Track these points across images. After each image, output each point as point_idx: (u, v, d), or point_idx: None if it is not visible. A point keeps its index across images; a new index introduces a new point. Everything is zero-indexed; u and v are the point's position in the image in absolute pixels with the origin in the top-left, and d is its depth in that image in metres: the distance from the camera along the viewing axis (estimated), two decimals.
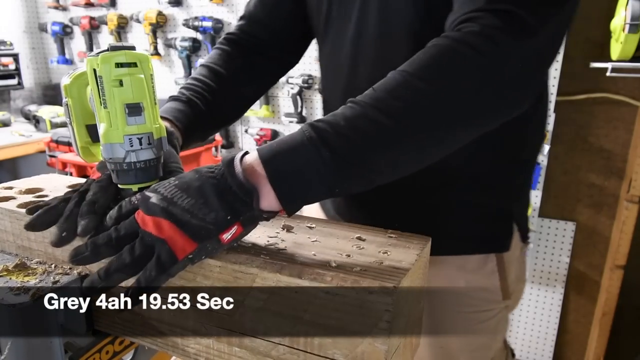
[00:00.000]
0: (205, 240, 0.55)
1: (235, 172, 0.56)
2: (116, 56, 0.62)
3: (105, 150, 0.64)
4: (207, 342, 0.63)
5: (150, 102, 0.65)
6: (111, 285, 0.57)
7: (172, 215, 0.55)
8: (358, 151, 0.55)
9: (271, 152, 0.56)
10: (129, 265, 0.56)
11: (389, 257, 0.59)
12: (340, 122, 0.56)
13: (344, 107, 0.58)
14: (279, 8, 0.94)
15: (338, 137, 0.55)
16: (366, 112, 0.56)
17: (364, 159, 0.56)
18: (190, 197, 0.55)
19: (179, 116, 0.80)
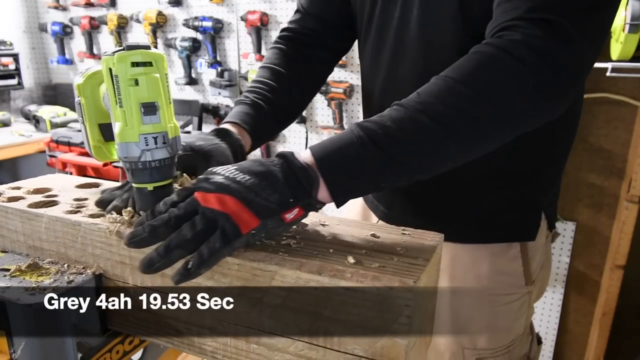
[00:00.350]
0: (268, 218, 0.58)
1: (297, 163, 0.60)
2: (132, 55, 0.62)
3: (120, 149, 0.65)
4: (225, 340, 0.63)
5: (165, 101, 0.65)
6: (170, 262, 0.58)
7: (237, 192, 0.58)
8: (403, 150, 0.60)
9: (323, 150, 0.62)
10: (190, 240, 0.57)
11: (405, 254, 0.59)
12: (386, 122, 0.60)
13: (390, 110, 0.62)
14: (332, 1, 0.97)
15: (385, 136, 0.60)
16: (412, 114, 0.60)
17: (408, 158, 0.60)
18: (254, 178, 0.59)
19: (245, 119, 0.85)
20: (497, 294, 0.86)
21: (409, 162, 0.61)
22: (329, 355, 0.56)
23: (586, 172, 2.13)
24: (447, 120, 0.60)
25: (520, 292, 0.87)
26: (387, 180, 0.62)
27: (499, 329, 0.87)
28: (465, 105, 0.60)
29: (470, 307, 0.87)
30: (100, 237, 0.70)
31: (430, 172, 0.64)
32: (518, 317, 0.89)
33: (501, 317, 0.87)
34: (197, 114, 2.96)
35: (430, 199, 0.89)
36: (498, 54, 0.60)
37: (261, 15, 2.62)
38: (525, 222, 0.87)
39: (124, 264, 0.69)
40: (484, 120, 0.61)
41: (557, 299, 2.27)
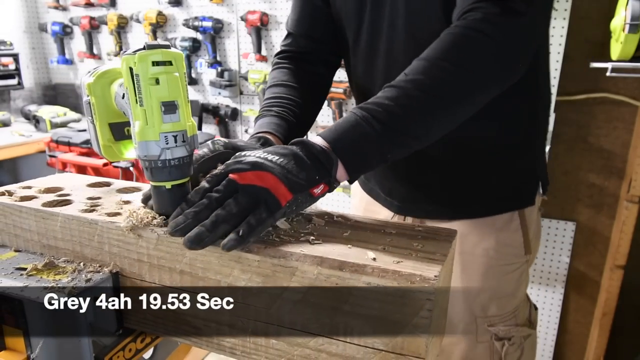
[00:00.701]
0: (299, 192, 0.65)
1: (316, 147, 0.68)
2: (153, 54, 0.63)
3: (140, 148, 0.65)
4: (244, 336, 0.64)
5: (184, 99, 0.66)
6: (217, 237, 0.62)
7: (272, 169, 0.64)
8: (403, 122, 0.70)
9: (333, 133, 0.70)
10: (236, 214, 0.62)
11: (422, 249, 0.60)
12: (384, 101, 0.70)
13: (383, 91, 0.72)
14: (317, 21, 1.05)
15: (386, 113, 0.69)
16: (404, 91, 0.71)
17: (408, 128, 0.71)
18: (283, 158, 0.66)
19: (279, 129, 0.90)
20: (502, 264, 0.96)
21: (409, 131, 0.71)
22: (349, 349, 0.57)
23: (586, 172, 2.14)
24: (436, 91, 0.71)
25: (520, 261, 0.98)
26: (393, 152, 0.71)
27: (505, 296, 0.97)
28: (447, 76, 0.71)
29: (480, 279, 0.96)
30: (118, 235, 0.71)
31: (427, 139, 0.74)
32: (519, 284, 1.00)
33: (506, 285, 0.97)
34: (197, 114, 2.97)
35: (439, 184, 0.99)
36: (466, 32, 0.71)
37: (261, 15, 2.63)
38: (524, 190, 0.99)
39: (141, 262, 0.70)
40: (464, 86, 0.72)
41: (557, 299, 2.28)
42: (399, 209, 1.05)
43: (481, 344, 0.97)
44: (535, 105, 0.98)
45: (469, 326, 0.96)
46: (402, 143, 0.71)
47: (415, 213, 1.03)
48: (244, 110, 2.90)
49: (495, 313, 0.96)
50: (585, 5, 1.97)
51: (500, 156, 0.96)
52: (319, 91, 1.07)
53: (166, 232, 0.66)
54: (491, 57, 0.72)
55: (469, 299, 0.96)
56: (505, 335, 0.97)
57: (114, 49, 3.24)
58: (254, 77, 2.72)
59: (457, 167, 0.96)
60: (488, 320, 0.96)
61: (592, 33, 2.00)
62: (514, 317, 0.98)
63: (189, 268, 0.66)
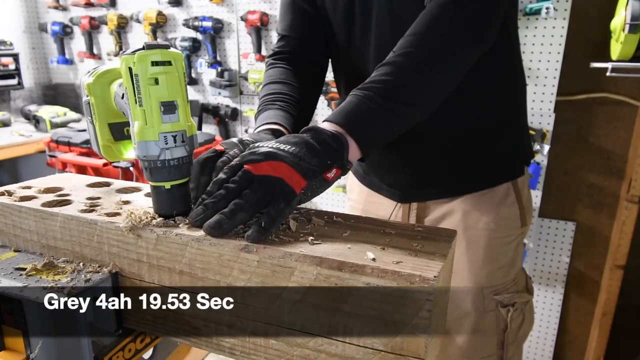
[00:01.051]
0: (312, 178, 0.68)
1: (327, 132, 0.72)
2: (152, 55, 0.63)
3: (139, 148, 0.65)
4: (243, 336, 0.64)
5: (184, 100, 0.66)
6: (235, 224, 0.65)
7: (285, 158, 0.67)
8: (402, 92, 0.77)
9: (340, 116, 0.75)
10: (253, 204, 0.64)
11: (422, 249, 0.60)
12: (381, 77, 0.78)
13: (378, 70, 0.79)
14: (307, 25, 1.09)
15: (385, 88, 0.76)
16: (397, 65, 0.78)
17: (407, 97, 0.78)
18: (295, 146, 0.69)
19: (284, 121, 0.93)
20: (502, 236, 1.05)
21: (409, 100, 0.78)
22: (349, 349, 0.57)
23: (586, 172, 2.14)
24: (425, 59, 0.79)
25: (517, 232, 1.07)
26: (398, 123, 0.78)
27: (506, 265, 1.06)
28: (432, 45, 0.80)
29: (483, 252, 1.04)
30: (117, 235, 0.71)
31: (427, 107, 0.82)
32: (517, 254, 1.09)
33: (506, 255, 1.06)
34: (197, 113, 2.97)
35: (439, 167, 1.06)
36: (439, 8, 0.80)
37: (261, 15, 2.63)
38: (515, 161, 1.08)
39: (140, 262, 0.70)
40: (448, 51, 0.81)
41: (557, 299, 2.29)
42: (402, 197, 1.11)
43: (488, 313, 1.04)
44: (516, 81, 1.06)
45: (476, 297, 1.04)
46: (405, 113, 0.79)
47: (418, 198, 1.09)
48: (244, 110, 2.90)
49: (499, 282, 1.05)
50: (585, 5, 1.97)
51: (493, 131, 1.04)
52: (313, 90, 1.10)
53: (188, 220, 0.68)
54: (464, 23, 0.81)
55: (475, 271, 1.04)
56: (509, 301, 1.05)
57: (114, 49, 3.24)
58: (254, 77, 2.72)
59: (454, 147, 1.03)
60: (493, 290, 1.04)
61: (592, 33, 2.00)
62: (514, 285, 1.07)
63: (188, 268, 0.66)
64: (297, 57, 1.09)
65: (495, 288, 1.05)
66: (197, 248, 0.65)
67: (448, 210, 1.06)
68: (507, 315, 1.04)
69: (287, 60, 1.09)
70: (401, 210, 1.12)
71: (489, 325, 1.05)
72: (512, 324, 1.05)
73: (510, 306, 1.05)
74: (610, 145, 2.08)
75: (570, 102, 2.08)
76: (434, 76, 0.80)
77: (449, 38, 0.81)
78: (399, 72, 0.78)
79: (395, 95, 0.76)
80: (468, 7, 0.81)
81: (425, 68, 0.79)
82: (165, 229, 0.67)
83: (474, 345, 1.07)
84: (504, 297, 1.05)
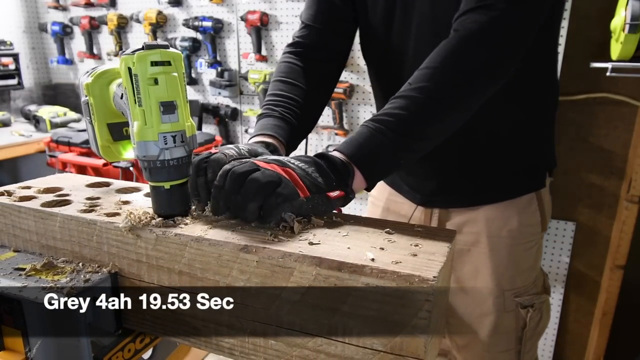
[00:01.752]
0: (316, 193, 0.69)
1: (337, 159, 0.74)
2: (151, 55, 0.63)
3: (139, 148, 0.65)
4: (242, 336, 0.64)
5: (183, 100, 0.66)
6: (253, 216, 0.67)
7: (293, 167, 0.69)
8: (414, 127, 0.77)
9: (350, 147, 0.76)
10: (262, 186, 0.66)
11: (422, 250, 0.60)
12: (394, 111, 0.77)
13: (392, 102, 0.79)
14: (333, 18, 1.07)
15: (397, 122, 0.76)
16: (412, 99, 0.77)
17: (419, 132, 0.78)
18: (304, 164, 0.71)
19: (280, 132, 0.93)
20: (524, 242, 1.06)
21: (420, 136, 0.78)
22: (348, 350, 0.57)
23: (586, 172, 2.14)
24: (441, 95, 0.78)
25: (537, 237, 1.09)
26: (406, 157, 0.78)
27: (527, 269, 1.08)
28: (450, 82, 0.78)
29: (506, 257, 1.05)
30: (116, 235, 0.70)
31: (437, 140, 0.81)
32: (537, 257, 1.11)
33: (527, 260, 1.08)
34: (197, 114, 2.97)
35: (462, 176, 1.06)
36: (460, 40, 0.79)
37: (261, 15, 2.63)
38: (538, 172, 1.08)
39: (140, 262, 0.70)
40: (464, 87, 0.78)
41: (557, 299, 2.28)
42: (422, 201, 1.12)
43: (508, 313, 1.07)
44: (549, 94, 1.06)
45: (498, 299, 1.07)
46: (415, 147, 0.79)
47: (439, 204, 1.11)
48: (244, 110, 2.90)
49: (520, 285, 1.07)
50: (585, 5, 1.97)
51: (521, 143, 1.04)
52: (324, 91, 1.09)
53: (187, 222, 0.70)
54: (486, 59, 0.79)
55: (498, 275, 1.06)
56: (529, 303, 1.08)
57: (114, 49, 3.24)
58: (254, 77, 2.72)
59: (478, 157, 1.03)
60: (514, 292, 1.07)
61: (592, 33, 2.00)
62: (534, 287, 1.09)
63: (187, 268, 0.66)
64: (314, 52, 1.08)
65: (516, 291, 1.07)
66: (197, 248, 0.64)
67: (471, 218, 1.07)
68: (527, 315, 1.08)
69: (303, 55, 1.07)
70: (423, 213, 1.13)
71: (509, 323, 1.09)
72: (531, 323, 1.08)
73: (530, 307, 1.08)
74: (610, 145, 2.07)
75: (570, 102, 2.08)
76: (449, 113, 0.79)
77: (468, 75, 0.79)
78: (413, 106, 0.77)
79: (408, 131, 0.77)
80: (490, 41, 0.79)
81: (441, 105, 0.78)
82: (164, 229, 0.67)
83: (494, 341, 1.11)
84: (524, 299, 1.08)
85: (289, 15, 2.62)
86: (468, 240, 1.07)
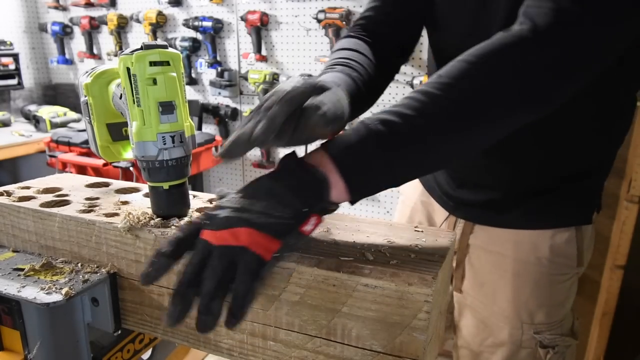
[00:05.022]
0: (286, 235, 0.55)
1: (300, 169, 0.58)
2: (150, 55, 0.63)
3: (137, 149, 0.65)
4: (241, 337, 0.64)
5: (182, 100, 0.66)
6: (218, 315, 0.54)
7: (247, 221, 0.54)
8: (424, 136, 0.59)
9: (338, 146, 0.59)
10: (218, 287, 0.53)
11: (421, 250, 0.60)
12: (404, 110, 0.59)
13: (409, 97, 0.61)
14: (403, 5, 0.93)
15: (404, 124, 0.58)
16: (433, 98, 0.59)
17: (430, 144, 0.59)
18: (262, 199, 0.55)
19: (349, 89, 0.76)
20: (554, 274, 0.92)
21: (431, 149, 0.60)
22: (347, 351, 0.57)
23: None
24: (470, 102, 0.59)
25: (572, 272, 0.94)
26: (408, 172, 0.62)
27: (554, 305, 0.94)
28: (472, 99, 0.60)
29: (531, 287, 0.93)
30: (115, 236, 0.70)
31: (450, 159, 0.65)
32: (570, 294, 0.96)
33: (556, 295, 0.94)
34: (197, 113, 2.97)
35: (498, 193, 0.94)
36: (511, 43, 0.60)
37: (261, 15, 2.63)
38: (582, 209, 0.93)
39: (138, 262, 0.70)
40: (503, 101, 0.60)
41: None
42: (454, 210, 1.01)
43: (525, 350, 0.96)
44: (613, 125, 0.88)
45: (514, 330, 0.95)
46: (419, 163, 0.61)
47: (470, 218, 0.99)
48: (244, 110, 2.90)
49: (543, 321, 0.95)
50: None
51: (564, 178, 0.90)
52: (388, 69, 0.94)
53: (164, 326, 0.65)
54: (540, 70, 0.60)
55: (518, 305, 0.94)
56: (550, 343, 0.95)
57: (113, 49, 3.25)
58: (254, 77, 2.72)
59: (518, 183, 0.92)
60: (535, 328, 0.95)
61: None
62: (560, 327, 0.96)
63: None
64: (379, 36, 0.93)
65: (537, 327, 0.95)
66: None
67: (498, 236, 0.95)
68: (546, 356, 0.95)
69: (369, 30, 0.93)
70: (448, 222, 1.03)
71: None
72: None
73: (551, 348, 0.95)
74: None
75: None
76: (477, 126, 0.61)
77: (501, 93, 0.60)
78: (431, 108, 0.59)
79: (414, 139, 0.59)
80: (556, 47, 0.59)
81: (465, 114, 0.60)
82: (163, 230, 0.67)
83: None
84: (544, 337, 0.95)
85: (289, 15, 2.62)
86: (490, 259, 0.96)
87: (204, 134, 2.76)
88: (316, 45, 2.57)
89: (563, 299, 0.95)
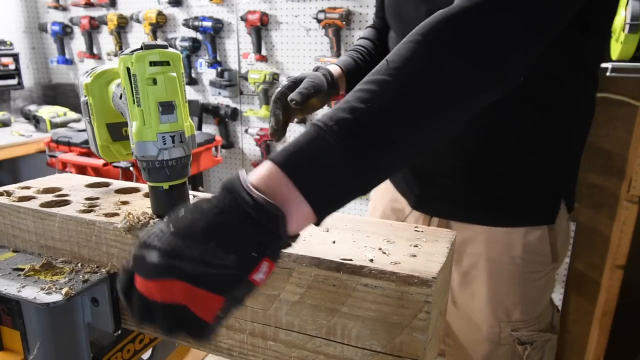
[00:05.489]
0: (232, 289, 0.46)
1: (250, 195, 0.46)
2: (150, 55, 0.63)
3: (137, 149, 0.65)
4: (241, 337, 0.64)
5: (182, 100, 0.66)
6: None
7: (180, 273, 0.44)
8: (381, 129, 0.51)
9: (289, 155, 0.49)
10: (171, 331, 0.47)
11: (421, 250, 0.60)
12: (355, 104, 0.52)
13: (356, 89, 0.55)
14: None
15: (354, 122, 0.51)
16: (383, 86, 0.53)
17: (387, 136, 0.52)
18: (197, 242, 0.45)
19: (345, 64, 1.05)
20: (529, 272, 0.94)
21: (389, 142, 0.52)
22: (347, 351, 0.57)
23: (586, 172, 2.13)
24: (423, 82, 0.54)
25: (547, 269, 0.95)
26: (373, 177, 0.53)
27: (530, 303, 0.95)
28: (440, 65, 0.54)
29: (506, 285, 0.94)
30: (115, 235, 0.70)
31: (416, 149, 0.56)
32: (546, 290, 0.98)
33: (532, 292, 0.95)
34: (197, 113, 2.97)
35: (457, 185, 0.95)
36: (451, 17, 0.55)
37: (261, 15, 2.62)
38: (547, 209, 0.94)
39: None
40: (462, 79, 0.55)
41: (557, 299, 2.28)
42: (416, 204, 1.02)
43: (503, 347, 0.97)
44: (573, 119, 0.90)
45: (492, 329, 0.96)
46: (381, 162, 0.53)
47: (432, 211, 1.00)
48: (244, 110, 2.90)
49: (519, 319, 0.95)
50: None
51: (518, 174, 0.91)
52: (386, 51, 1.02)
53: None
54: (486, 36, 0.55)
55: (494, 304, 0.95)
56: (528, 340, 0.96)
57: (114, 49, 3.24)
58: (254, 77, 2.72)
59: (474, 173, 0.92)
60: (512, 325, 0.96)
61: None
62: (537, 323, 0.97)
63: None
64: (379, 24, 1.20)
65: (515, 324, 0.96)
66: None
67: (472, 237, 0.95)
68: (524, 352, 0.96)
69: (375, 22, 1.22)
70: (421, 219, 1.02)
71: (503, 358, 0.98)
72: None
73: (529, 344, 0.96)
74: (610, 145, 2.07)
75: None
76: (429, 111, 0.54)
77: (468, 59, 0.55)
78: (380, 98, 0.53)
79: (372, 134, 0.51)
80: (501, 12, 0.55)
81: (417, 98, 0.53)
82: None
83: None
84: (522, 334, 0.96)
85: (289, 15, 2.61)
86: (467, 261, 0.97)
87: (204, 134, 2.76)
88: (316, 45, 2.57)
89: (539, 296, 0.96)
